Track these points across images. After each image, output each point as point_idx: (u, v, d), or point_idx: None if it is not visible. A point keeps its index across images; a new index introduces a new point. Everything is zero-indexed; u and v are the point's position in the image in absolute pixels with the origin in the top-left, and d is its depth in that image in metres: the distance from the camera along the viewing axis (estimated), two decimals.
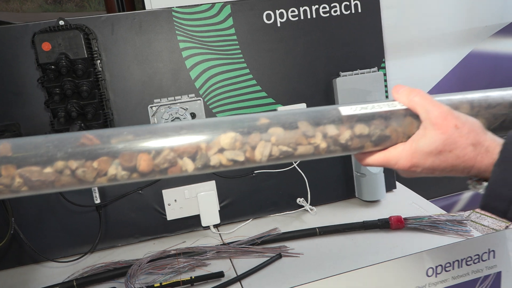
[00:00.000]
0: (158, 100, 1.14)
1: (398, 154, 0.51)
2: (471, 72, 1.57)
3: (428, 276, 0.86)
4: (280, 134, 0.50)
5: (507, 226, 2.37)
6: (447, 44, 1.52)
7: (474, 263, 0.89)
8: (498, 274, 0.91)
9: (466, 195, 1.73)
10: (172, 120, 1.15)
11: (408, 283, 0.85)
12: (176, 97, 1.15)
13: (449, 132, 0.47)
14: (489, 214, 2.43)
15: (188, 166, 0.48)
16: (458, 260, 0.87)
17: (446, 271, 0.87)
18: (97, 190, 1.12)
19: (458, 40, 1.54)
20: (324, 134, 0.50)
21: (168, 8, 1.14)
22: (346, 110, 0.51)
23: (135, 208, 1.18)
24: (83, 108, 1.03)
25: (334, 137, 0.51)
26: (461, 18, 1.51)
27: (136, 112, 1.14)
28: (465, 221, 1.09)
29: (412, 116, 0.51)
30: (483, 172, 0.48)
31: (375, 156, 0.53)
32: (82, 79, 1.03)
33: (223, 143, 0.48)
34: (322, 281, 0.81)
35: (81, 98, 1.03)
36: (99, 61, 1.09)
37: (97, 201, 1.12)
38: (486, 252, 0.89)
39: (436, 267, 0.86)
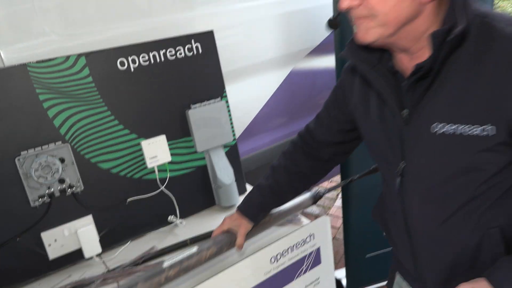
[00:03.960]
0: (25, 151, 1.21)
1: None
2: (294, 87, 1.99)
3: (272, 263, 1.18)
4: None
5: (327, 213, 2.98)
6: (272, 66, 1.89)
7: (302, 245, 1.25)
8: (318, 250, 1.30)
9: None
10: (42, 169, 1.23)
11: (259, 273, 1.16)
12: (44, 147, 1.24)
13: None
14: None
15: None
16: (290, 247, 1.22)
17: (283, 256, 1.20)
18: None
19: (280, 63, 1.92)
20: None
21: (22, 64, 1.20)
22: None
23: (15, 255, 1.24)
24: None
25: None
26: (281, 45, 1.89)
27: (2, 166, 1.19)
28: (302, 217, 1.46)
29: None
30: None
31: None
32: None
33: None
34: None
35: None
36: None
37: None
38: (308, 236, 1.26)
39: (277, 255, 1.19)
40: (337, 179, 3.04)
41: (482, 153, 0.79)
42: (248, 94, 1.86)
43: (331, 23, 0.94)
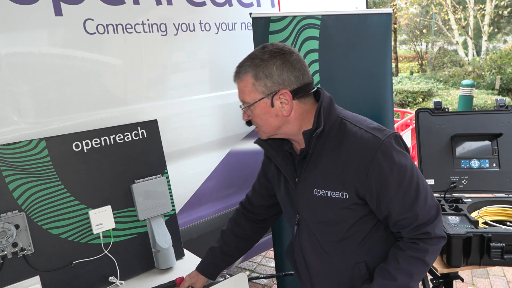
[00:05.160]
0: None
1: None
2: (231, 166, 2.31)
3: None
4: None
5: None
6: (212, 148, 2.22)
7: None
8: None
9: None
10: None
11: None
12: (2, 214, 1.47)
13: None
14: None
15: None
16: None
17: None
18: None
19: (220, 145, 2.26)
20: None
21: None
22: None
23: None
24: None
25: None
26: (220, 130, 2.26)
27: None
28: (227, 275, 1.69)
29: None
30: None
31: None
32: None
33: None
34: None
35: None
36: None
37: None
38: None
39: None
40: None
41: (343, 209, 1.17)
42: (191, 170, 2.17)
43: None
